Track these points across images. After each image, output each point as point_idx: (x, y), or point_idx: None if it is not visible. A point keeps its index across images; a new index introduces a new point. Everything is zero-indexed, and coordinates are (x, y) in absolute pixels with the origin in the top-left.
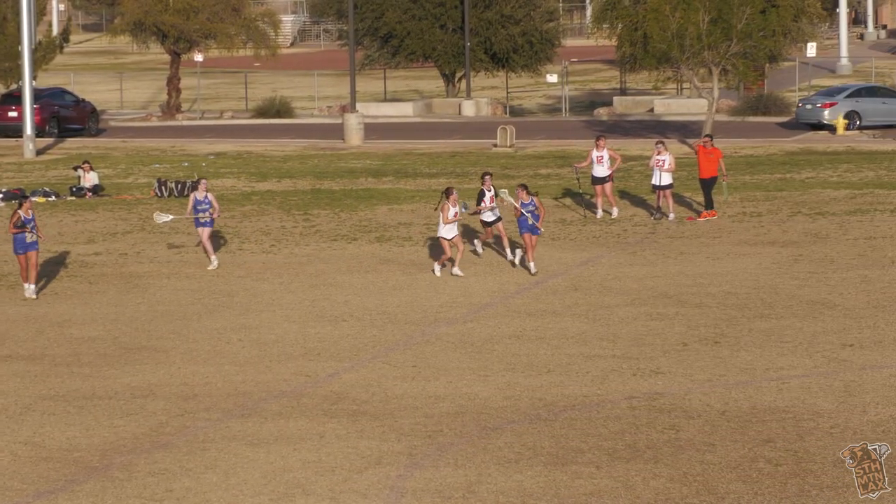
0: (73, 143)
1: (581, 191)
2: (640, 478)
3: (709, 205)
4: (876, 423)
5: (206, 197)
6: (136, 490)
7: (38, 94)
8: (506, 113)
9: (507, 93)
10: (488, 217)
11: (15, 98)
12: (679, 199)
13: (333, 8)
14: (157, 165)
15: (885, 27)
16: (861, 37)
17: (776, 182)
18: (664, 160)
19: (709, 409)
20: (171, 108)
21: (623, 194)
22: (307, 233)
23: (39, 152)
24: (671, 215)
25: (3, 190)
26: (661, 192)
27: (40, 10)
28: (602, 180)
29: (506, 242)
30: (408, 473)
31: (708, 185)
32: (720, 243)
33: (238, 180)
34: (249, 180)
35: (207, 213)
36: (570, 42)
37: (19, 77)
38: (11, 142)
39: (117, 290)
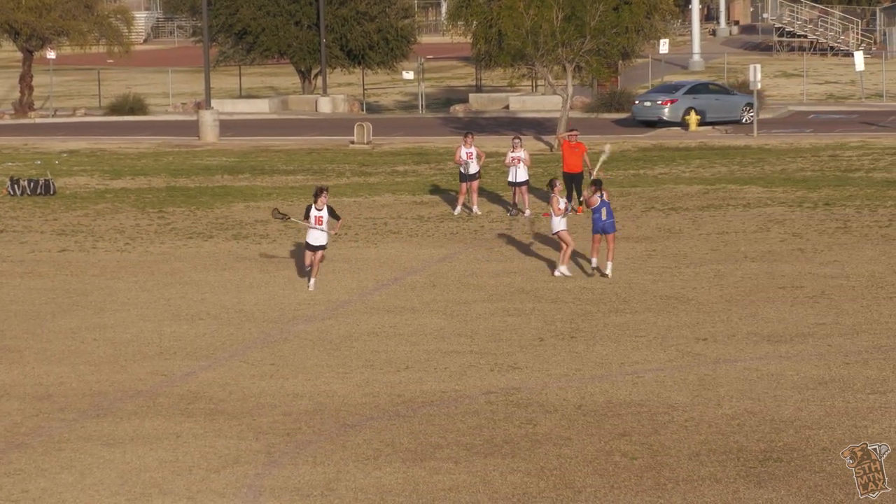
0: None
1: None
2: (498, 472)
3: (578, 200)
4: (730, 416)
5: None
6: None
7: None
8: (362, 110)
9: (364, 90)
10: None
11: None
12: (540, 195)
13: (187, 4)
14: (10, 164)
15: (737, 23)
16: (713, 33)
17: (630, 178)
18: (520, 157)
19: (565, 403)
20: (23, 106)
21: (479, 191)
22: (162, 231)
23: None
24: (527, 211)
25: None
26: (518, 189)
27: None
28: (472, 177)
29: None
30: (266, 472)
31: (574, 179)
32: (575, 239)
33: (91, 178)
34: (103, 178)
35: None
36: (425, 39)
37: None
38: None
39: None
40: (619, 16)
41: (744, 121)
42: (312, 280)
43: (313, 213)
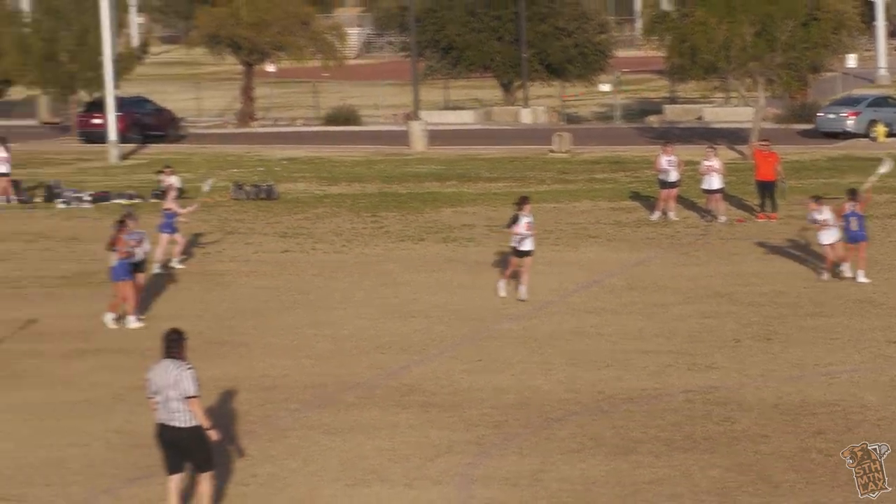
0: (154, 149)
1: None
2: (698, 467)
3: (772, 207)
4: None
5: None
6: (222, 475)
7: (120, 103)
8: (562, 120)
9: (563, 101)
10: None
11: (99, 106)
12: (734, 202)
13: (397, 21)
14: (234, 170)
15: None
16: None
17: (821, 186)
18: (714, 165)
19: (762, 402)
20: (245, 116)
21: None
22: (376, 234)
23: (123, 157)
24: (722, 218)
25: (91, 193)
26: (712, 196)
27: (120, 23)
28: (672, 184)
29: None
30: (477, 462)
31: (766, 187)
32: (769, 245)
33: (310, 184)
34: (321, 184)
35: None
36: (621, 53)
37: (102, 86)
38: (97, 147)
39: (201, 287)
40: (807, 31)
41: None
42: (502, 283)
43: (522, 219)
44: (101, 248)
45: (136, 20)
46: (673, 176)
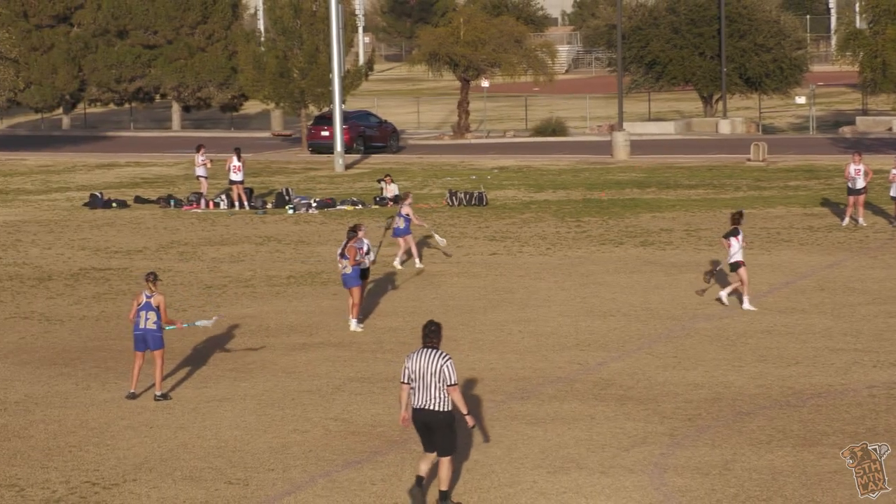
0: (376, 159)
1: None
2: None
3: None
4: None
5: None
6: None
7: (346, 116)
8: (758, 130)
9: (760, 113)
10: None
11: (327, 119)
12: None
13: (604, 38)
14: (449, 178)
15: None
16: None
17: None
18: None
19: None
20: (461, 128)
21: (865, 204)
22: (579, 237)
23: (348, 167)
24: None
25: (317, 199)
26: None
27: (348, 43)
28: (858, 191)
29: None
30: (669, 452)
31: None
32: None
33: (518, 191)
34: (528, 191)
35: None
36: (816, 68)
37: (330, 101)
38: (324, 157)
39: (415, 286)
40: None
41: None
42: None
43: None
44: (326, 251)
45: (362, 40)
46: (860, 183)
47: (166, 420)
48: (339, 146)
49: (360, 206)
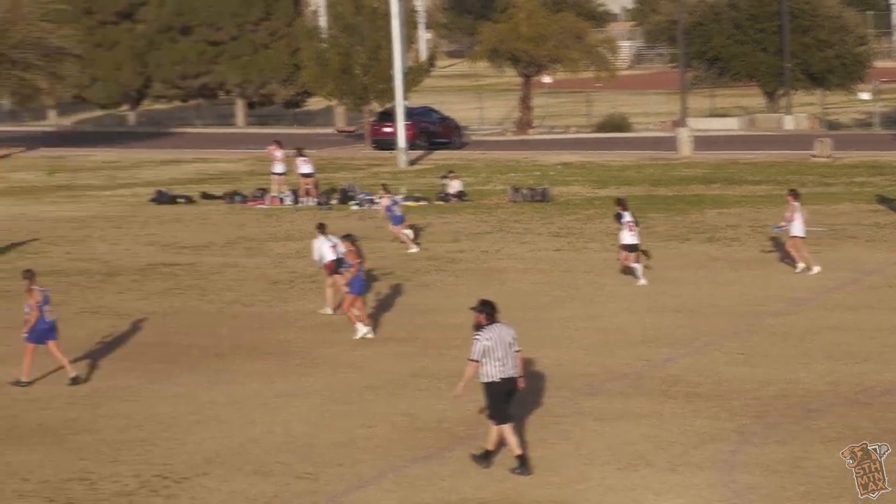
0: (439, 155)
1: None
2: None
3: None
4: None
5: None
6: (498, 457)
7: (409, 113)
8: (822, 127)
9: (824, 109)
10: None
11: (389, 115)
12: None
13: (665, 34)
14: (512, 174)
15: None
16: None
17: None
18: None
19: None
20: (523, 124)
21: None
22: (644, 234)
23: (411, 163)
24: None
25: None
26: None
27: (410, 39)
28: None
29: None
30: (738, 449)
31: None
32: None
33: (582, 187)
34: (592, 187)
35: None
36: (879, 63)
37: (393, 97)
38: (387, 153)
39: (479, 282)
40: None
41: None
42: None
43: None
44: (389, 246)
45: (424, 36)
46: None
47: (235, 415)
48: (401, 142)
49: (423, 202)
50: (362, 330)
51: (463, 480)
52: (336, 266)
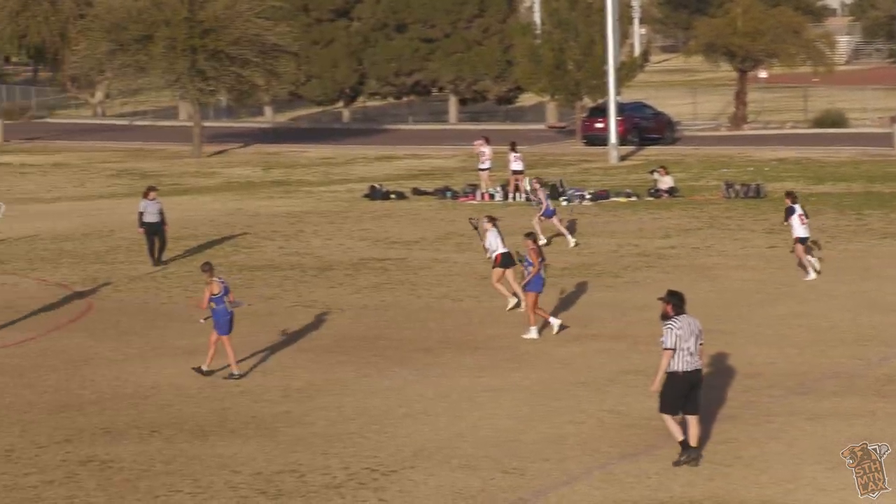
0: (651, 151)
1: None
2: None
3: None
4: None
5: None
6: (707, 455)
7: (621, 108)
8: None
9: None
10: None
11: (601, 111)
12: None
13: (884, 30)
14: (725, 170)
15: None
16: None
17: None
18: None
19: None
20: (737, 120)
21: None
22: (859, 231)
23: (622, 158)
24: None
25: (591, 192)
26: None
27: (623, 34)
28: None
29: None
30: None
31: None
32: None
33: (797, 183)
34: (807, 183)
35: None
36: None
37: (605, 93)
38: (598, 149)
39: (689, 279)
40: None
41: None
42: None
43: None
44: (599, 242)
45: (638, 31)
46: None
47: (443, 409)
48: (613, 138)
49: (634, 199)
50: (533, 332)
51: (671, 478)
52: (505, 260)
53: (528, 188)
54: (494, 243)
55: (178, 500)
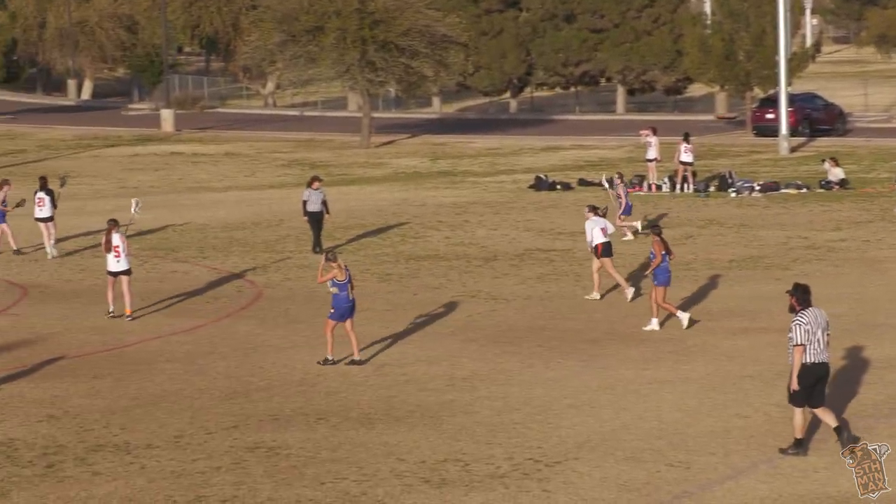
0: (821, 142)
1: None
2: None
3: None
4: None
5: None
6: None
7: (791, 99)
8: None
9: None
10: None
11: (772, 102)
12: None
13: None
14: None
15: None
16: None
17: None
18: None
19: None
20: None
21: None
22: None
23: (792, 150)
24: None
25: (761, 183)
26: None
27: (795, 24)
28: None
29: None
30: None
31: None
32: None
33: None
34: None
35: None
36: None
37: (776, 83)
38: (768, 140)
39: (860, 272)
40: None
41: None
42: None
43: None
44: (769, 235)
45: (809, 22)
46: None
47: (608, 400)
48: (783, 129)
49: (804, 190)
50: (655, 323)
51: (838, 473)
52: (605, 250)
53: (605, 181)
54: (595, 233)
55: (343, 488)
